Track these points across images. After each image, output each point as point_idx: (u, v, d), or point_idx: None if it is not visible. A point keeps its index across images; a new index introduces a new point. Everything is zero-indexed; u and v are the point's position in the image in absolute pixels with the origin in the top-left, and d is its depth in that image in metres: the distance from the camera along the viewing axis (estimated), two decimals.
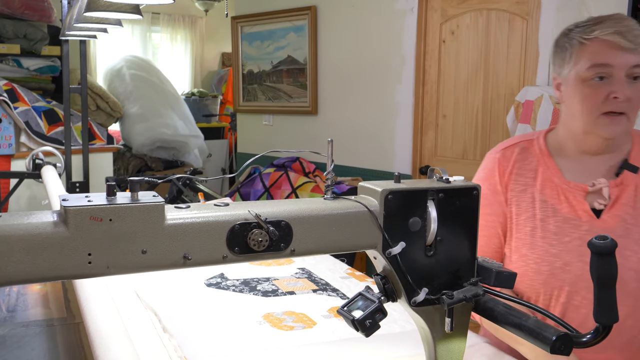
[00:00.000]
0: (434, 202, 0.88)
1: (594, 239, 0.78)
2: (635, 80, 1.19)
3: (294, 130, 4.73)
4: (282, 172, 4.21)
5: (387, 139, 3.96)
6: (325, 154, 0.89)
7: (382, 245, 0.87)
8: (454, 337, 0.92)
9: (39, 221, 0.70)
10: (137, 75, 5.46)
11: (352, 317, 0.88)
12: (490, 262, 0.93)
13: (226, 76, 7.16)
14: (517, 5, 3.24)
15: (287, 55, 4.68)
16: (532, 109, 2.96)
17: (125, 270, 0.74)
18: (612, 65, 1.18)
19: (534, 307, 0.89)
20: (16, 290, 1.62)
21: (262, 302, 1.44)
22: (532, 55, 3.19)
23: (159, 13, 6.93)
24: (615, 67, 1.18)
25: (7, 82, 3.82)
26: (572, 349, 0.80)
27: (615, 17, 1.22)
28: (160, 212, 0.74)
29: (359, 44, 4.11)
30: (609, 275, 0.78)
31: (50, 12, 4.15)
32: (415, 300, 0.89)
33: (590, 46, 1.21)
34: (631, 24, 1.20)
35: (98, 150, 4.06)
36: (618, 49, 1.17)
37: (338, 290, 1.55)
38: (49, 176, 2.57)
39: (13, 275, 0.68)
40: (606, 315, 0.78)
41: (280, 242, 0.81)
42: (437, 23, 3.63)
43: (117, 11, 1.28)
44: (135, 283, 1.50)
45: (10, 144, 3.69)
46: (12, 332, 1.36)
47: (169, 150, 5.45)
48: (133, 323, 1.26)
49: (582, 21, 1.25)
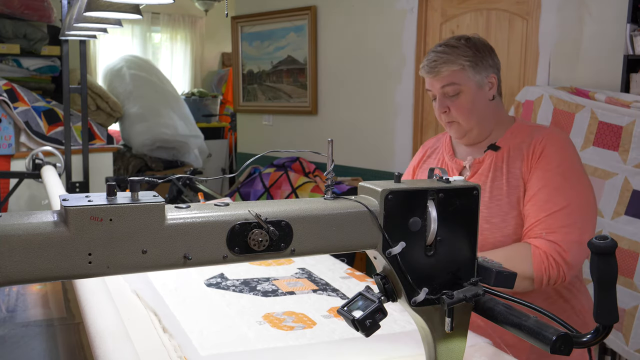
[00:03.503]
0: (434, 202, 0.88)
1: (594, 239, 0.78)
2: (455, 96, 1.49)
3: (294, 130, 4.73)
4: (282, 172, 4.20)
5: (387, 139, 3.96)
6: (325, 154, 0.89)
7: (382, 245, 0.87)
8: (454, 337, 0.92)
9: (39, 221, 0.70)
10: (137, 75, 5.46)
11: (352, 317, 0.88)
12: (490, 262, 0.93)
13: (226, 76, 7.16)
14: (517, 5, 3.24)
15: (287, 55, 4.68)
16: (532, 109, 2.96)
17: (125, 270, 0.74)
18: (430, 90, 1.53)
19: (534, 307, 0.89)
20: (16, 290, 1.62)
21: (262, 302, 1.44)
22: (532, 55, 3.19)
23: (159, 13, 6.93)
24: (432, 91, 1.53)
25: (7, 82, 3.82)
26: (572, 348, 0.80)
27: (433, 49, 1.52)
28: (160, 212, 0.74)
29: (359, 44, 4.11)
30: (609, 275, 0.78)
31: (50, 12, 4.15)
32: (415, 300, 0.89)
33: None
34: (431, 55, 1.50)
35: (98, 150, 4.06)
36: (428, 79, 1.52)
37: (338, 290, 1.55)
38: (49, 176, 2.57)
39: (13, 275, 0.68)
40: (606, 315, 0.78)
41: (280, 242, 0.81)
42: (437, 23, 3.62)
43: (117, 11, 1.28)
44: (135, 283, 1.50)
45: (10, 144, 3.69)
46: (12, 332, 1.36)
47: (169, 150, 5.45)
48: (133, 323, 1.26)
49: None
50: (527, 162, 1.46)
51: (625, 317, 2.58)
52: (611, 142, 2.64)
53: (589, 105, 2.72)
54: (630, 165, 2.58)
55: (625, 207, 2.59)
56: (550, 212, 1.38)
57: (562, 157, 1.44)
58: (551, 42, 3.09)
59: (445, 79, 1.48)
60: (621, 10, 2.73)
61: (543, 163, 1.44)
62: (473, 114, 1.50)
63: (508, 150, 1.51)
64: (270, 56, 4.84)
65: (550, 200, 1.40)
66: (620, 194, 2.60)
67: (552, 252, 1.36)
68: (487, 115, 1.53)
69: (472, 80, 1.49)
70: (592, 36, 2.93)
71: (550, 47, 3.09)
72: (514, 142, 1.51)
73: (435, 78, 1.49)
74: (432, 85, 1.51)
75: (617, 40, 2.79)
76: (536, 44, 3.16)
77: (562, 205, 1.39)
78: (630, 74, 2.66)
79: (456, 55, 1.48)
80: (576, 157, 1.48)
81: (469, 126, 1.51)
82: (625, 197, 2.59)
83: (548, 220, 1.38)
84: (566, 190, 1.41)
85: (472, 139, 1.55)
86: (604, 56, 2.88)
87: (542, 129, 1.52)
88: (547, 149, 1.45)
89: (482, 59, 1.50)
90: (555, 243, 1.36)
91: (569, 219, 1.38)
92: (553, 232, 1.37)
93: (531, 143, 1.48)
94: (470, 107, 1.49)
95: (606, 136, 2.66)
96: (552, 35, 3.08)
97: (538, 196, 1.41)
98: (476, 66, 1.49)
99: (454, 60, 1.47)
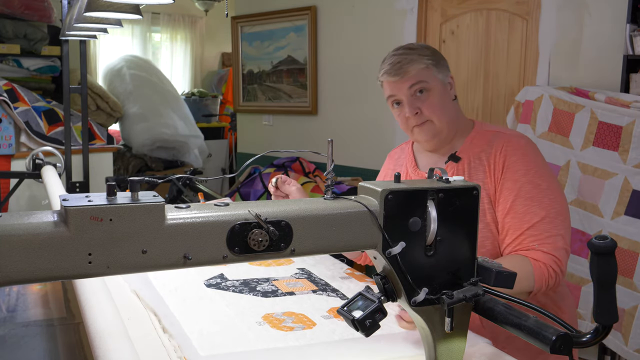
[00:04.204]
0: (434, 202, 0.88)
1: (594, 239, 0.78)
2: (424, 95, 1.46)
3: (294, 130, 4.73)
4: (282, 172, 4.20)
5: (387, 139, 3.96)
6: (325, 154, 0.89)
7: (382, 245, 0.87)
8: (454, 337, 0.92)
9: (39, 221, 0.70)
10: (137, 75, 5.46)
11: (352, 317, 0.88)
12: (490, 262, 0.93)
13: (226, 76, 7.16)
14: (517, 5, 3.24)
15: (287, 55, 4.68)
16: (532, 109, 2.96)
17: (125, 270, 0.74)
18: (394, 95, 1.49)
19: (534, 307, 0.89)
20: (16, 290, 1.62)
21: (261, 302, 1.44)
22: (532, 55, 3.19)
23: (159, 13, 6.93)
24: (397, 96, 1.49)
25: (7, 82, 3.82)
26: (572, 348, 0.80)
27: (391, 54, 1.51)
28: (160, 212, 0.74)
29: (359, 44, 4.11)
30: (608, 275, 0.78)
31: (50, 12, 4.15)
32: (415, 300, 0.89)
33: (383, 84, 1.53)
34: (392, 58, 1.48)
35: (98, 150, 4.06)
36: (392, 83, 1.48)
37: (338, 290, 1.55)
38: (49, 176, 2.57)
39: (13, 275, 0.68)
40: (606, 315, 0.78)
41: (280, 242, 0.81)
42: (437, 23, 3.63)
43: (117, 11, 1.28)
44: (135, 283, 1.50)
45: (10, 144, 3.69)
46: (12, 332, 1.36)
47: (169, 150, 5.45)
48: (133, 323, 1.26)
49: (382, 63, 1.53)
50: (490, 175, 1.45)
51: (624, 317, 2.58)
52: (611, 142, 2.64)
53: (589, 105, 2.72)
54: (630, 165, 2.58)
55: (625, 207, 2.59)
56: (533, 224, 1.38)
57: (526, 164, 1.43)
58: (551, 42, 3.09)
59: (413, 78, 1.46)
60: (621, 11, 2.74)
61: (509, 174, 1.43)
62: (444, 112, 1.48)
63: (469, 162, 1.49)
64: (270, 56, 4.84)
65: (528, 212, 1.39)
66: (620, 194, 2.60)
67: (550, 263, 1.36)
68: (453, 115, 1.51)
69: (437, 79, 1.48)
70: (592, 36, 2.93)
71: (550, 47, 3.09)
72: (474, 151, 1.49)
73: (403, 79, 1.46)
74: (398, 88, 1.48)
75: (617, 40, 2.79)
76: (536, 44, 3.16)
77: (541, 215, 1.38)
78: (630, 74, 2.66)
79: (418, 55, 1.47)
80: (540, 160, 1.46)
81: (442, 125, 1.48)
82: (625, 197, 2.59)
83: (533, 232, 1.38)
84: (540, 198, 1.40)
85: (440, 141, 1.52)
86: (604, 56, 2.88)
87: (500, 136, 1.49)
88: (509, 159, 1.43)
89: (440, 59, 1.50)
90: (549, 254, 1.36)
91: (553, 227, 1.38)
92: (543, 242, 1.37)
93: (491, 152, 1.46)
94: (441, 105, 1.48)
95: (606, 136, 2.66)
96: (552, 35, 3.08)
97: (515, 208, 1.40)
98: (438, 64, 1.48)
99: (418, 60, 1.46)
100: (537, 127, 2.93)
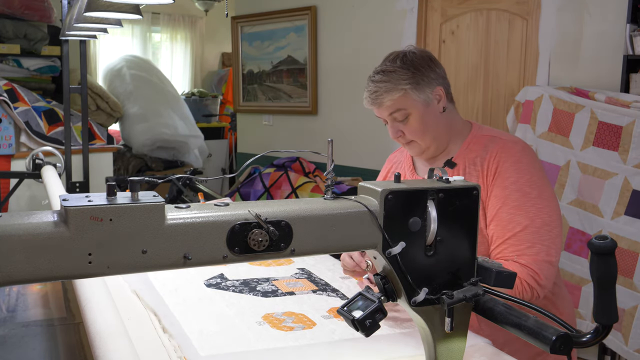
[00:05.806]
0: (434, 202, 0.88)
1: (594, 239, 0.78)
2: (404, 120, 1.46)
3: (294, 130, 4.73)
4: (282, 172, 4.21)
5: (387, 139, 3.95)
6: (325, 154, 0.89)
7: (382, 245, 0.87)
8: (454, 337, 0.92)
9: (39, 221, 0.70)
10: (137, 75, 5.46)
11: (352, 317, 0.88)
12: (490, 262, 0.93)
13: (226, 76, 7.16)
14: (517, 5, 3.24)
15: (287, 55, 4.68)
16: (532, 109, 2.96)
17: (125, 270, 0.74)
18: (380, 117, 1.52)
19: (534, 307, 0.89)
20: (16, 290, 1.62)
21: (261, 302, 1.44)
22: (532, 55, 3.19)
23: (159, 13, 6.93)
24: (382, 118, 1.51)
25: (7, 82, 3.82)
26: (572, 348, 0.80)
27: (370, 79, 1.49)
28: (160, 212, 0.74)
29: (359, 44, 4.11)
30: (608, 275, 0.78)
31: (50, 12, 4.15)
32: (415, 300, 0.89)
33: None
34: (371, 86, 1.47)
35: (98, 150, 4.05)
36: (374, 108, 1.50)
37: (338, 290, 1.55)
38: (49, 176, 2.57)
39: (13, 275, 0.68)
40: (606, 315, 0.78)
41: (280, 242, 0.81)
42: (437, 23, 3.63)
43: (117, 11, 1.28)
44: (135, 283, 1.50)
45: (10, 144, 3.69)
46: (12, 332, 1.36)
47: (169, 150, 5.45)
48: (133, 323, 1.26)
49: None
50: (483, 181, 1.43)
51: (624, 317, 2.58)
52: (611, 142, 2.64)
53: (589, 105, 2.72)
54: (630, 165, 2.58)
55: (625, 207, 2.59)
56: (514, 233, 1.36)
57: (518, 172, 1.40)
58: (551, 42, 3.09)
59: (390, 108, 1.45)
60: (621, 10, 2.73)
61: (499, 181, 1.41)
62: (427, 133, 1.47)
63: (464, 167, 1.48)
64: (270, 56, 4.84)
65: (512, 220, 1.36)
66: (620, 194, 2.60)
67: (525, 277, 1.32)
68: (440, 130, 1.49)
69: (418, 101, 1.44)
70: (592, 36, 2.93)
71: (550, 47, 3.09)
72: (470, 156, 1.48)
73: (380, 109, 1.47)
74: (380, 113, 1.49)
75: (617, 40, 2.79)
76: (536, 44, 3.16)
77: (524, 225, 1.35)
78: (630, 74, 2.66)
79: (395, 81, 1.44)
80: (534, 168, 1.43)
81: (426, 144, 1.49)
82: (625, 197, 2.59)
83: (514, 242, 1.35)
84: (527, 207, 1.37)
85: (431, 153, 1.53)
86: (604, 56, 2.88)
87: (496, 141, 1.47)
88: (502, 165, 1.41)
89: (422, 77, 1.45)
90: (527, 267, 1.33)
91: (534, 238, 1.34)
92: (522, 254, 1.34)
93: (485, 158, 1.45)
94: (422, 128, 1.46)
95: (606, 136, 2.66)
96: (552, 35, 3.08)
97: (500, 216, 1.38)
98: (418, 85, 1.44)
99: (394, 87, 1.43)
100: (537, 127, 2.93)
